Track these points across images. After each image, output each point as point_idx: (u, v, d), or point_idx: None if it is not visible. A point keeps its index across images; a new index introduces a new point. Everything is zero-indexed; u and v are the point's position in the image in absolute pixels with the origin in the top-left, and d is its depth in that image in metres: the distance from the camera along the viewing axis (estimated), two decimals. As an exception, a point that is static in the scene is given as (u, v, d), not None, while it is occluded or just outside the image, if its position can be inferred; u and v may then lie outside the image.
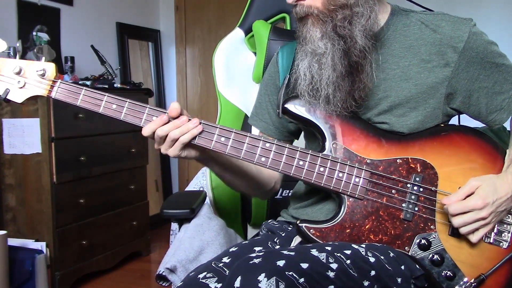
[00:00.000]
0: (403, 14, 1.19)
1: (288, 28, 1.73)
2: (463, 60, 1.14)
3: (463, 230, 1.08)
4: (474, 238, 1.09)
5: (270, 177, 1.32)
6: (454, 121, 1.26)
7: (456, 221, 1.07)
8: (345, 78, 1.09)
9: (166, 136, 1.08)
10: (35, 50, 2.70)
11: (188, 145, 1.11)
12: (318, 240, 1.10)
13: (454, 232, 1.11)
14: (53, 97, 1.11)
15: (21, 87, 1.10)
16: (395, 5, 1.21)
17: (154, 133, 1.08)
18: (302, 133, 1.35)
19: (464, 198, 1.07)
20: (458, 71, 1.14)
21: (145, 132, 1.09)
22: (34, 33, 2.80)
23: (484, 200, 1.05)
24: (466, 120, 1.29)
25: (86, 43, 3.23)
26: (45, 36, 2.85)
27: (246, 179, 1.28)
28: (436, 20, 1.16)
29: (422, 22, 1.17)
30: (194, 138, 1.10)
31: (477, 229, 1.08)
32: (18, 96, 1.11)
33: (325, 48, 1.09)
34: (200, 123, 1.10)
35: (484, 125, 1.25)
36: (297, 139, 1.36)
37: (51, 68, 1.11)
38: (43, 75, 1.10)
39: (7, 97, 1.10)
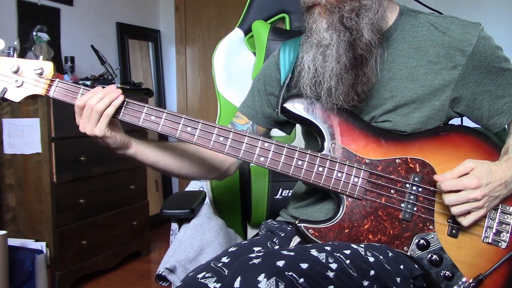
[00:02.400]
0: (411, 15, 1.19)
1: (288, 28, 1.73)
2: (471, 64, 1.14)
3: (454, 210, 1.07)
4: (465, 221, 1.07)
5: (222, 161, 1.30)
6: (456, 121, 1.26)
7: (447, 199, 1.06)
8: (349, 71, 1.09)
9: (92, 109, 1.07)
10: (33, 49, 2.70)
11: (116, 126, 1.12)
12: (316, 240, 1.10)
13: (453, 232, 1.12)
14: (51, 96, 1.11)
15: (18, 86, 1.10)
16: (403, 6, 1.21)
17: (85, 105, 1.08)
18: (301, 132, 1.35)
19: (458, 178, 1.07)
20: (465, 75, 1.14)
21: (79, 101, 1.08)
22: (34, 33, 2.80)
23: (478, 180, 1.05)
24: (467, 121, 1.29)
25: (86, 43, 3.23)
26: (45, 36, 2.85)
27: (187, 165, 1.26)
28: (445, 22, 1.16)
29: (431, 24, 1.17)
30: (119, 111, 1.10)
31: (469, 213, 1.07)
32: (15, 95, 1.11)
33: (330, 39, 1.08)
34: (124, 97, 1.10)
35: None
36: (289, 134, 1.36)
37: (49, 67, 1.11)
38: (41, 74, 1.10)
39: (5, 96, 1.10)
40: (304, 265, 0.94)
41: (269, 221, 1.34)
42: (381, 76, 1.14)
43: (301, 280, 0.91)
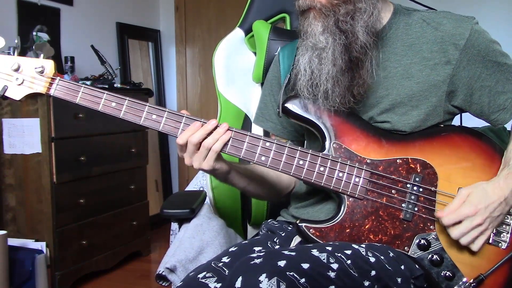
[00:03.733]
0: (405, 13, 1.19)
1: (288, 28, 1.73)
2: (465, 58, 1.14)
3: (463, 241, 1.07)
4: (475, 247, 1.09)
5: (290, 178, 1.33)
6: (456, 121, 1.26)
7: (453, 233, 1.07)
8: (345, 73, 1.09)
9: (199, 145, 1.08)
10: (34, 47, 2.70)
11: (219, 157, 1.12)
12: (317, 240, 1.10)
13: (454, 233, 1.12)
14: (51, 94, 1.10)
15: (19, 84, 1.10)
16: (397, 4, 1.21)
17: (187, 142, 1.08)
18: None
19: (458, 209, 1.07)
20: (460, 69, 1.15)
21: (180, 140, 1.09)
22: (34, 33, 2.80)
23: (475, 206, 1.06)
24: (468, 119, 1.29)
25: (86, 43, 3.23)
26: (45, 36, 2.85)
27: (269, 186, 1.30)
28: (438, 18, 1.17)
29: (424, 20, 1.17)
30: (225, 145, 1.10)
31: (476, 237, 1.08)
32: (16, 93, 1.11)
33: (326, 42, 1.09)
34: (229, 129, 1.11)
35: (484, 124, 1.25)
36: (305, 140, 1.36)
37: (49, 65, 1.11)
38: (41, 72, 1.10)
39: (5, 94, 1.10)
40: (305, 265, 0.94)
41: (269, 220, 1.34)
42: (376, 75, 1.14)
43: (302, 280, 0.91)
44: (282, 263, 0.92)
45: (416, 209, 1.12)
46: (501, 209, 1.08)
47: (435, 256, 1.11)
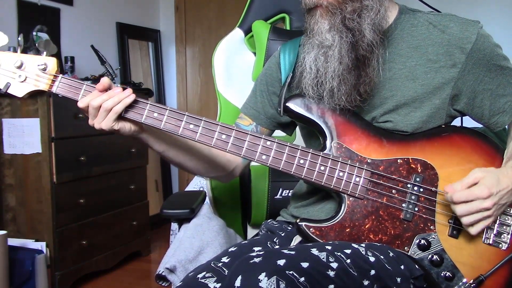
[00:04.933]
0: (410, 14, 1.19)
1: (288, 28, 1.73)
2: (470, 61, 1.14)
3: (465, 221, 1.06)
4: (473, 230, 1.07)
5: (229, 161, 1.30)
6: (456, 122, 1.26)
7: (459, 209, 1.05)
8: (351, 72, 1.09)
9: (100, 107, 1.07)
10: (36, 45, 2.70)
11: (122, 118, 1.10)
12: (317, 239, 1.10)
13: (454, 233, 1.12)
14: (54, 91, 1.10)
15: (22, 81, 1.10)
16: (402, 5, 1.21)
17: (88, 105, 1.08)
18: (300, 133, 1.35)
19: (467, 188, 1.06)
20: (465, 72, 1.15)
21: (81, 103, 1.08)
22: (34, 33, 2.81)
23: (489, 189, 1.04)
24: (468, 121, 1.29)
25: (86, 43, 3.23)
26: (45, 36, 2.85)
27: (195, 159, 1.25)
28: (444, 20, 1.16)
29: (430, 23, 1.17)
30: (129, 108, 1.09)
31: (478, 222, 1.06)
32: (19, 90, 1.11)
33: (332, 40, 1.08)
34: (134, 93, 1.09)
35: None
36: (290, 135, 1.36)
37: (52, 63, 1.11)
38: (44, 69, 1.10)
39: (8, 91, 1.10)
40: (305, 264, 0.94)
41: (269, 221, 1.34)
42: (382, 75, 1.14)
43: (302, 279, 0.91)
44: (281, 262, 0.92)
45: (416, 209, 1.12)
46: (507, 198, 1.08)
47: (435, 257, 1.11)
